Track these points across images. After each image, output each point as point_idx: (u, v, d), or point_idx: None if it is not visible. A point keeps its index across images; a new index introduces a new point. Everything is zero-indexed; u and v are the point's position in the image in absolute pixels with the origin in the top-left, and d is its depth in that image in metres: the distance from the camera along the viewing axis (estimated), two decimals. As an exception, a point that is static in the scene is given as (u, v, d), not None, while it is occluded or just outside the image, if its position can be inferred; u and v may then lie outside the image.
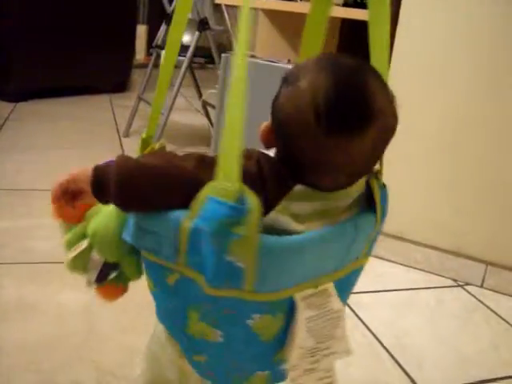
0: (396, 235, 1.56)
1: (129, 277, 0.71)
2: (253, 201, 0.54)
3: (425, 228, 1.53)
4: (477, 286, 1.50)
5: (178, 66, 2.08)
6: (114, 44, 3.37)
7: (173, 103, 2.27)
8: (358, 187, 0.64)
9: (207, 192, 0.55)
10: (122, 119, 2.67)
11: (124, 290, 0.73)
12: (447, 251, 1.52)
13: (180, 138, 2.64)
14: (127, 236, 0.62)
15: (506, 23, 1.34)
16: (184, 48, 2.42)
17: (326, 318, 0.63)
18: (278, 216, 0.58)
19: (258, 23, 1.95)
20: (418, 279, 1.50)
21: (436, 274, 1.53)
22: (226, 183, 0.54)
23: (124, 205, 0.60)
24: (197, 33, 2.17)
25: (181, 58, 2.16)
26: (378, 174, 0.67)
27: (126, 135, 2.55)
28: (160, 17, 2.80)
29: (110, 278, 0.69)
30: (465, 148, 1.44)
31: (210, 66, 3.95)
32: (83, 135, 2.51)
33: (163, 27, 2.57)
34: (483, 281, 1.49)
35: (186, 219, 0.56)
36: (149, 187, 0.57)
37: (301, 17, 1.71)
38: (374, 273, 1.52)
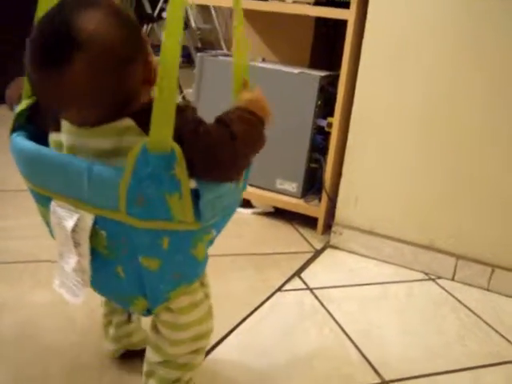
0: (368, 230, 1.59)
1: None
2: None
3: (397, 222, 1.55)
4: (448, 279, 1.52)
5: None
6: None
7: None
8: (117, 133, 0.68)
9: None
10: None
11: None
12: (419, 245, 1.54)
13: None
14: None
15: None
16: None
17: (64, 233, 0.72)
18: (51, 137, 0.74)
19: (233, 22, 1.95)
20: (390, 273, 1.52)
21: (408, 268, 1.55)
22: None
23: None
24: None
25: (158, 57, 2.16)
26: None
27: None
28: (148, 17, 2.82)
29: None
30: (438, 142, 1.46)
31: (193, 64, 3.96)
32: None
33: (145, 27, 2.60)
34: (454, 274, 1.51)
35: None
36: None
37: (276, 16, 1.73)
38: (346, 267, 1.54)
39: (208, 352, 1.09)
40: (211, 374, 1.03)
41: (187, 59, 3.39)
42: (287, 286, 1.39)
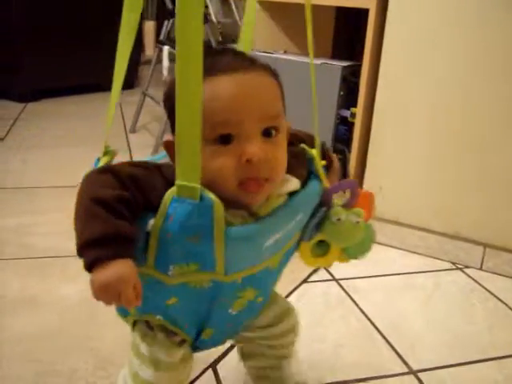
0: (393, 220, 1.58)
1: None
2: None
3: (422, 212, 1.54)
4: (476, 268, 1.50)
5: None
6: (121, 41, 3.41)
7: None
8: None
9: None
10: (130, 115, 2.70)
11: None
12: (446, 234, 1.52)
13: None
14: None
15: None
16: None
17: None
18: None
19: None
20: (416, 263, 1.51)
21: (435, 258, 1.54)
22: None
23: None
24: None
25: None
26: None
27: (133, 131, 2.60)
28: (169, 13, 2.83)
29: None
30: (461, 130, 1.44)
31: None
32: (90, 133, 2.54)
33: (166, 23, 2.61)
34: (482, 263, 1.49)
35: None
36: None
37: (297, 7, 1.72)
38: (372, 258, 1.51)
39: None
40: (238, 365, 1.04)
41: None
42: (313, 277, 1.39)
